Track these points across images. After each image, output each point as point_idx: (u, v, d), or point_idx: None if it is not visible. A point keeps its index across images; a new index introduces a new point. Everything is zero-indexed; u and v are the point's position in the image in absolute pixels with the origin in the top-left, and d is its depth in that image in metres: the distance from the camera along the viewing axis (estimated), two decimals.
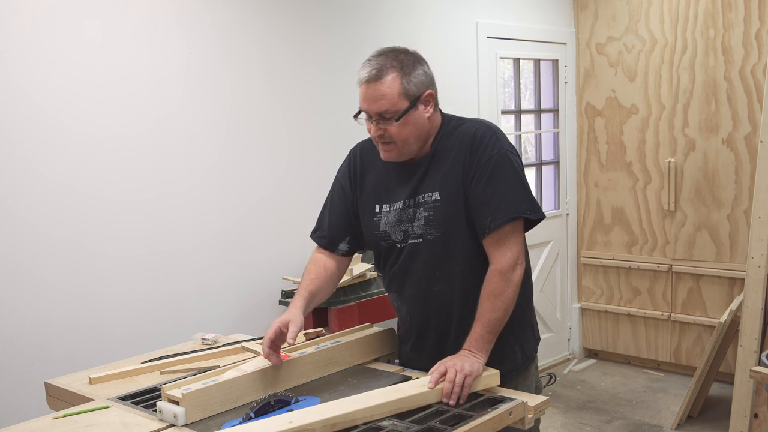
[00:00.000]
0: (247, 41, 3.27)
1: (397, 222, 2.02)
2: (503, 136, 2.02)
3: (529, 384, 2.10)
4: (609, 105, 4.95)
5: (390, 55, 1.96)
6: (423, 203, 1.99)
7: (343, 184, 2.15)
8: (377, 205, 2.07)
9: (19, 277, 2.63)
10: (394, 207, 2.04)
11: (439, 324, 2.06)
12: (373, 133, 1.97)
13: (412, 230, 2.00)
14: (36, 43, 2.63)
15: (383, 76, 1.92)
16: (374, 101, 1.92)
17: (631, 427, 4.08)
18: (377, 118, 1.94)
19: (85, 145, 2.78)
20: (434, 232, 1.98)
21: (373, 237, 2.08)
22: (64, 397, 2.02)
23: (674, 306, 4.81)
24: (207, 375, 1.81)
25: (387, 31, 3.88)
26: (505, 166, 1.95)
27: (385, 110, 1.92)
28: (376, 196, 2.08)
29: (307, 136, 3.54)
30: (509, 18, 4.60)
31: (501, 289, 1.91)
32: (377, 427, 1.64)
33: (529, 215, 1.96)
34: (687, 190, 4.65)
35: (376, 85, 1.92)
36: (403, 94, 1.92)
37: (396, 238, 2.03)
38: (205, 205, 3.16)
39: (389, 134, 1.94)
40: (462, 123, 2.05)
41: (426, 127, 1.99)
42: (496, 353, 1.94)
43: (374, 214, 2.07)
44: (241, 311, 3.30)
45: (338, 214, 2.15)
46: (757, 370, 2.74)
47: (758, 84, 4.29)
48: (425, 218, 1.98)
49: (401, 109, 1.92)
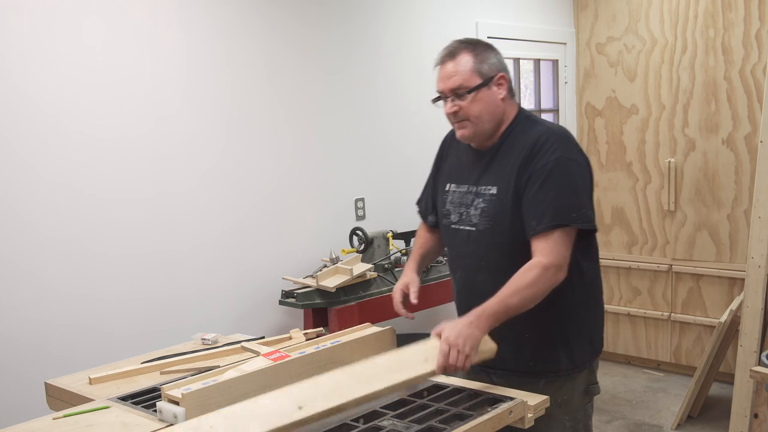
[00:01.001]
0: (247, 41, 3.27)
1: (458, 203, 2.15)
2: (570, 144, 2.04)
3: (576, 386, 2.11)
4: (609, 105, 4.95)
5: (463, 41, 2.10)
6: (482, 194, 2.09)
7: (435, 163, 2.34)
8: (448, 183, 2.21)
9: (19, 277, 2.63)
10: (459, 189, 2.16)
11: None
12: (448, 110, 2.06)
13: (468, 216, 2.10)
14: (36, 43, 2.63)
15: (456, 55, 2.04)
16: (448, 78, 2.04)
17: (631, 427, 4.08)
18: (451, 94, 2.04)
19: (85, 146, 2.78)
20: (486, 223, 2.06)
21: (440, 213, 2.24)
22: (64, 397, 2.02)
23: (674, 306, 4.81)
24: (207, 375, 1.81)
25: (387, 31, 3.88)
26: (561, 173, 1.98)
27: (458, 86, 2.02)
28: (449, 175, 2.23)
29: (308, 135, 3.54)
30: (509, 18, 4.60)
31: (533, 281, 1.90)
32: (377, 427, 1.64)
33: (577, 224, 1.96)
34: (687, 190, 4.65)
35: (450, 63, 2.04)
36: (475, 71, 2.03)
37: (453, 218, 2.16)
38: (206, 205, 3.16)
39: (463, 111, 2.04)
40: (535, 124, 2.09)
41: (500, 107, 2.07)
42: (537, 351, 2.05)
43: (444, 192, 2.22)
44: (241, 311, 3.30)
45: (430, 190, 2.34)
46: (757, 370, 2.74)
47: (758, 84, 4.29)
48: (481, 209, 2.07)
49: (473, 84, 2.02)
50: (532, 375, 2.08)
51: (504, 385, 2.02)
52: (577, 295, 2.08)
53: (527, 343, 2.08)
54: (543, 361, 2.07)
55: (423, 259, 2.32)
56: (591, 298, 2.14)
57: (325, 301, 3.21)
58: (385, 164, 3.91)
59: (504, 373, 2.11)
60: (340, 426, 1.66)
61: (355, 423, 1.67)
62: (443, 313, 4.20)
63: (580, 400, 2.15)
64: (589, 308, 2.14)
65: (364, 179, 3.82)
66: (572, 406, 2.13)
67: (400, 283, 2.20)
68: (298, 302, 3.19)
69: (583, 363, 2.12)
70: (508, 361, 2.07)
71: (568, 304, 2.06)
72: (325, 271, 3.26)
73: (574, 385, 2.12)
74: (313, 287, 3.23)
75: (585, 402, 2.16)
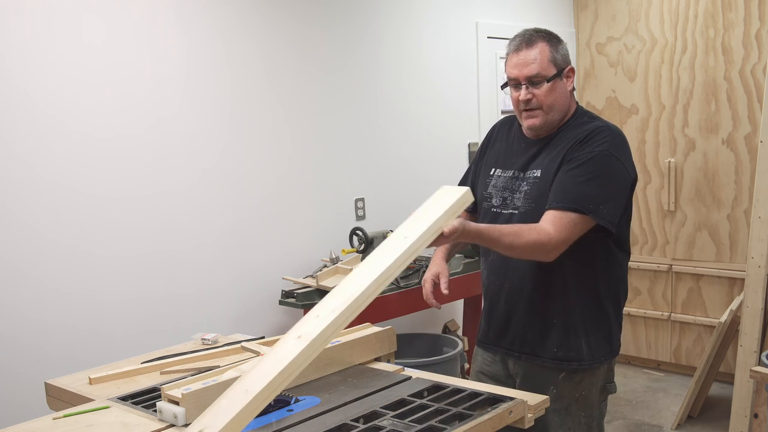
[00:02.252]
0: (247, 40, 3.27)
1: (503, 188, 2.17)
2: (622, 145, 2.08)
3: (594, 382, 2.14)
4: (609, 105, 4.95)
5: (538, 30, 2.12)
6: (527, 178, 2.11)
7: (480, 149, 2.36)
8: (493, 168, 2.24)
9: (19, 278, 2.63)
10: (505, 174, 2.19)
11: (510, 296, 2.15)
12: (522, 97, 2.07)
13: (512, 200, 2.12)
14: (36, 43, 2.63)
15: (534, 44, 2.06)
16: (525, 66, 2.05)
17: (631, 427, 4.08)
18: (526, 82, 2.06)
19: (85, 145, 2.78)
20: (527, 205, 2.09)
21: (480, 196, 2.24)
22: (64, 397, 2.02)
23: (674, 306, 4.81)
24: (207, 375, 1.80)
25: (387, 30, 3.88)
26: (600, 165, 2.00)
27: (535, 74, 2.05)
28: (495, 161, 2.25)
29: (308, 135, 3.54)
30: (509, 18, 4.60)
31: (531, 242, 1.92)
32: (377, 427, 1.64)
33: (592, 215, 1.97)
34: (687, 190, 4.65)
35: (528, 51, 2.06)
36: (551, 61, 2.06)
37: (495, 202, 2.18)
38: (206, 204, 3.16)
39: (537, 99, 2.06)
40: (594, 119, 2.14)
41: (568, 100, 2.12)
42: (563, 338, 2.08)
43: (488, 176, 2.24)
44: (241, 311, 3.30)
45: (470, 175, 2.36)
46: (757, 370, 2.74)
47: (758, 84, 4.29)
48: (525, 192, 2.10)
49: (550, 74, 2.05)
50: (553, 365, 2.11)
51: (523, 375, 2.10)
52: (603, 288, 2.13)
53: (554, 329, 2.11)
54: (566, 349, 2.10)
55: (452, 247, 2.30)
56: (616, 296, 2.17)
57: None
58: (385, 164, 3.91)
59: (529, 357, 2.14)
60: (340, 426, 1.66)
61: (355, 423, 1.67)
62: (445, 313, 4.21)
63: (597, 397, 2.17)
64: (613, 305, 2.17)
65: (364, 179, 3.81)
66: (589, 403, 2.15)
67: (431, 273, 2.19)
68: (298, 302, 3.19)
69: (602, 357, 2.14)
70: (536, 347, 2.12)
71: (596, 294, 2.12)
72: (325, 271, 3.26)
73: (592, 381, 2.14)
74: (313, 287, 3.23)
75: (601, 400, 2.19)
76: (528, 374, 2.15)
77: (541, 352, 2.13)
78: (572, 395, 2.12)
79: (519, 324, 2.15)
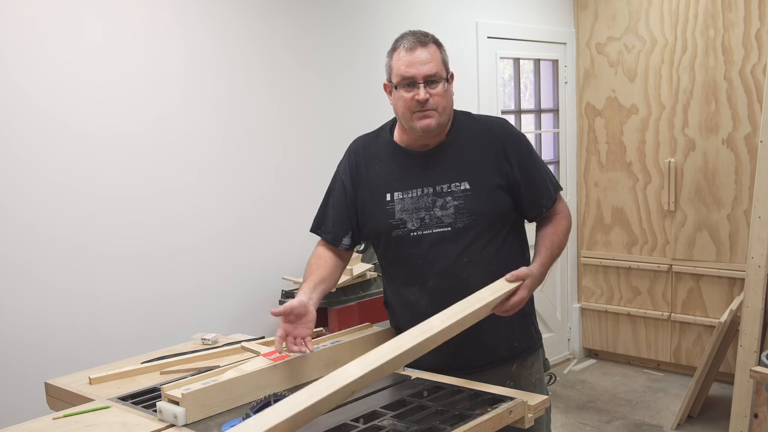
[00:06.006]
0: (246, 41, 3.27)
1: (414, 209, 2.04)
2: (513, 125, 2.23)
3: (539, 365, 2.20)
4: (609, 105, 4.95)
5: (425, 32, 2.07)
6: (450, 192, 2.03)
7: (344, 180, 2.16)
8: (388, 194, 2.07)
9: (19, 277, 2.63)
10: (408, 195, 2.05)
11: None
12: (421, 96, 1.98)
13: (433, 219, 2.03)
14: (36, 42, 2.63)
15: (427, 44, 2.02)
16: (423, 64, 1.98)
17: (631, 427, 4.08)
18: (424, 81, 1.98)
19: (85, 145, 2.78)
20: (465, 219, 2.02)
21: (386, 226, 2.06)
22: (64, 397, 2.02)
23: (674, 306, 4.81)
24: (207, 375, 1.81)
25: (386, 32, 3.86)
26: (533, 150, 2.16)
27: (434, 73, 1.99)
28: (386, 185, 2.08)
29: (306, 135, 3.54)
30: (509, 18, 4.60)
31: (566, 230, 2.13)
32: (377, 427, 1.64)
33: (560, 187, 2.21)
34: (687, 190, 4.65)
35: (425, 49, 2.00)
36: (443, 62, 2.03)
37: (411, 226, 2.04)
38: (205, 203, 3.17)
39: (433, 100, 1.99)
40: (473, 117, 2.18)
41: (452, 103, 2.09)
42: (521, 328, 2.11)
43: (386, 203, 2.07)
44: (241, 311, 3.30)
45: (340, 209, 2.15)
46: (757, 370, 2.74)
47: (758, 84, 4.29)
48: (455, 207, 2.02)
49: (444, 75, 2.02)
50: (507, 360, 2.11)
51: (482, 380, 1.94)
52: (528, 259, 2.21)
53: (512, 324, 2.08)
54: (525, 336, 2.14)
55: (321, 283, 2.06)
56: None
57: (325, 301, 3.20)
58: None
59: (488, 366, 2.09)
60: (340, 426, 1.66)
61: (355, 423, 1.67)
62: None
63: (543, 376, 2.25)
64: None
65: None
66: (543, 384, 2.21)
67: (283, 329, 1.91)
68: None
69: (540, 335, 2.22)
70: (498, 350, 2.10)
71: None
72: None
73: (538, 358, 2.19)
74: None
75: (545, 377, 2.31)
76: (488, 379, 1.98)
77: (506, 354, 2.11)
78: (530, 381, 2.14)
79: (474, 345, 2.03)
